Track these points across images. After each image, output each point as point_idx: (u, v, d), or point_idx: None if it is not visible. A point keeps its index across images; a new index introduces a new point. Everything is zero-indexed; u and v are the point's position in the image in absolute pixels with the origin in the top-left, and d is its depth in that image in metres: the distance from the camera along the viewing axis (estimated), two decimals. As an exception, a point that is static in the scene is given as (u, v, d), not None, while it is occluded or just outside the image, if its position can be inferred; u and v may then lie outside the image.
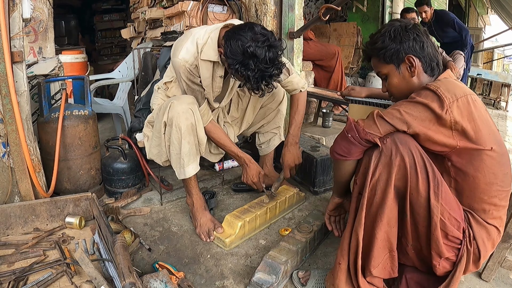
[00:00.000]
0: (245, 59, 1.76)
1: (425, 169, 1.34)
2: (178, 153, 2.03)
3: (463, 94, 1.33)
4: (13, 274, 1.61)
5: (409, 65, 1.48)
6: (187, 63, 1.96)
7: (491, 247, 1.43)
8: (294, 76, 2.29)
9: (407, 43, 1.46)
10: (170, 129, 1.99)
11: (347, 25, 5.58)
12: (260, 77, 1.80)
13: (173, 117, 1.96)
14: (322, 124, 4.24)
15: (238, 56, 1.78)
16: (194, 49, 1.97)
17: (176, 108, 1.96)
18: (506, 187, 1.40)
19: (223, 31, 1.93)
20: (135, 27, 4.50)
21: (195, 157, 2.09)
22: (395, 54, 1.48)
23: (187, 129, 1.98)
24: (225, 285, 1.73)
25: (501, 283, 1.78)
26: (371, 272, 1.41)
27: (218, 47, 1.94)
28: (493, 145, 1.34)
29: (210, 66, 2.02)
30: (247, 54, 1.75)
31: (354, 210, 1.49)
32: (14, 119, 1.92)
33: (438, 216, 1.32)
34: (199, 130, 2.04)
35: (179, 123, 1.96)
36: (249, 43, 1.75)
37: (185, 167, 2.05)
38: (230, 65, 1.83)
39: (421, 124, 1.34)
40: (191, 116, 1.98)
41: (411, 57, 1.46)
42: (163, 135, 2.06)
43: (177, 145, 2.01)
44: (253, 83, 1.81)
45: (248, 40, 1.76)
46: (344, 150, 1.48)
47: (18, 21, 1.98)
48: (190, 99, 2.03)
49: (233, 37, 1.79)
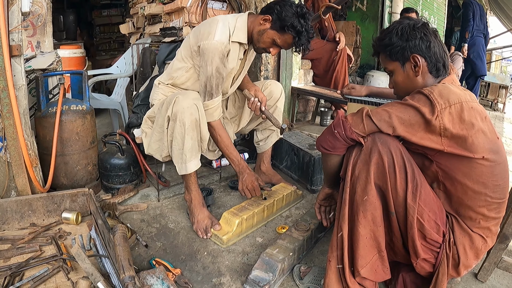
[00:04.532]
0: (298, 17, 2.02)
1: (404, 169, 1.34)
2: (180, 148, 2.02)
3: (458, 101, 1.30)
4: (9, 269, 1.60)
5: (413, 64, 1.47)
6: (223, 45, 2.03)
7: (473, 255, 1.40)
8: None
9: (413, 42, 1.45)
10: (174, 124, 1.99)
11: (346, 24, 5.58)
12: (308, 34, 2.06)
13: (178, 111, 1.96)
14: (320, 123, 4.25)
15: (291, 14, 2.01)
16: (227, 32, 2.08)
17: (181, 103, 1.96)
18: (497, 199, 1.36)
19: (250, 16, 2.16)
20: (134, 23, 4.48)
21: (197, 153, 2.09)
22: (400, 52, 1.47)
23: (191, 124, 1.97)
24: (222, 282, 1.73)
25: (497, 283, 1.79)
26: (359, 272, 1.40)
27: (253, 25, 2.13)
28: (487, 154, 1.31)
29: (237, 48, 2.16)
30: (299, 13, 2.02)
31: (340, 205, 1.50)
32: (12, 113, 1.90)
33: (414, 217, 1.33)
34: (203, 126, 2.04)
35: (183, 118, 1.95)
36: (298, 7, 2.03)
37: (187, 162, 2.05)
38: (285, 22, 2.02)
39: (407, 130, 1.34)
40: (195, 111, 1.98)
41: (416, 56, 1.45)
42: (166, 130, 2.05)
43: (180, 140, 2.01)
44: (304, 39, 2.06)
45: (294, 4, 2.04)
46: (329, 145, 1.51)
47: (17, 14, 1.96)
48: (195, 95, 2.04)
49: (280, 2, 2.05)
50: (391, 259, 1.52)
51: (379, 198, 1.38)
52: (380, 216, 1.39)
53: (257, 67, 3.44)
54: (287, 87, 3.63)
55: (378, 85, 5.10)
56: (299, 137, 2.94)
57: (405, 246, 1.43)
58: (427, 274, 1.45)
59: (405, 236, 1.39)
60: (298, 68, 3.93)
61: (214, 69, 2.03)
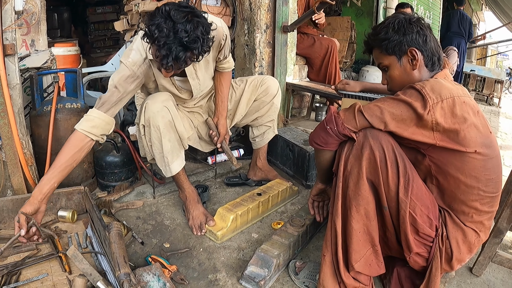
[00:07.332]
0: (161, 19, 1.57)
1: (396, 164, 1.35)
2: (160, 152, 2.03)
3: (450, 96, 1.31)
4: (6, 268, 1.60)
5: (411, 58, 1.47)
6: (134, 66, 1.88)
7: (466, 250, 1.42)
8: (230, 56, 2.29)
9: (411, 36, 1.45)
10: (149, 130, 1.99)
11: (341, 20, 5.58)
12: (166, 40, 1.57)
13: (150, 117, 1.95)
14: (315, 118, 4.26)
15: (153, 19, 1.58)
16: (142, 50, 1.89)
17: (151, 108, 1.95)
18: (490, 193, 1.37)
19: None
20: (128, 20, 4.45)
21: (179, 152, 2.10)
22: (397, 46, 1.47)
23: (165, 127, 1.97)
24: (217, 278, 1.74)
25: (491, 277, 1.81)
26: (353, 267, 1.42)
27: None
28: (479, 148, 1.31)
29: None
30: (164, 13, 1.56)
31: (333, 200, 1.51)
32: (6, 112, 1.90)
33: (406, 211, 1.34)
34: (178, 125, 2.03)
35: (156, 123, 1.95)
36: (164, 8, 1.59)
37: (170, 164, 2.06)
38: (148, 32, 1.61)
39: (398, 125, 1.35)
40: (167, 113, 1.97)
41: (414, 49, 1.45)
42: (143, 136, 2.06)
43: (158, 144, 2.01)
44: (163, 49, 1.58)
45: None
46: (322, 140, 1.52)
47: (10, 13, 1.96)
48: (164, 96, 2.01)
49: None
50: (386, 254, 1.53)
51: (371, 192, 1.39)
52: (373, 211, 1.41)
53: (251, 63, 3.44)
54: (282, 82, 3.63)
55: (373, 80, 5.11)
56: (294, 132, 2.95)
57: (399, 241, 1.44)
58: (421, 268, 1.47)
59: (398, 230, 1.40)
60: (292, 64, 3.93)
61: (115, 82, 1.86)
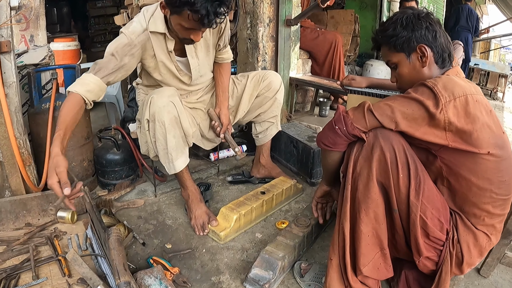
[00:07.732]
0: None
1: (407, 165, 1.30)
2: (164, 148, 1.98)
3: (462, 94, 1.25)
4: (4, 272, 1.57)
5: (420, 55, 1.41)
6: (133, 35, 1.88)
7: (477, 253, 1.37)
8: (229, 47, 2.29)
9: (420, 32, 1.39)
10: (154, 125, 1.94)
11: (344, 13, 5.50)
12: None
13: (155, 112, 1.90)
14: (319, 113, 4.22)
15: None
16: (144, 22, 1.91)
17: (156, 103, 1.90)
18: (502, 195, 1.32)
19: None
20: (128, 14, 4.40)
21: (183, 149, 2.04)
22: (406, 42, 1.41)
23: (170, 123, 1.92)
24: (221, 280, 1.70)
25: (499, 279, 1.76)
26: (361, 271, 1.37)
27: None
28: (492, 150, 1.27)
29: (160, 39, 1.95)
30: None
31: (341, 202, 1.46)
32: (2, 111, 1.86)
33: (417, 215, 1.29)
34: (183, 121, 1.98)
35: (161, 118, 1.90)
36: None
37: (174, 161, 2.01)
38: (173, 1, 1.67)
39: (410, 124, 1.29)
40: (173, 109, 1.92)
41: (423, 46, 1.39)
42: (147, 132, 2.00)
43: (163, 140, 1.96)
44: (203, 9, 1.63)
45: None
46: (330, 141, 1.47)
47: (5, 9, 1.89)
48: (170, 91, 1.97)
49: None
50: (394, 256, 1.49)
51: (381, 195, 1.34)
52: (383, 214, 1.36)
53: (254, 58, 3.38)
54: (285, 77, 3.57)
55: (377, 74, 5.04)
56: (298, 128, 2.89)
57: (408, 244, 1.40)
58: (430, 272, 1.42)
59: (408, 233, 1.36)
60: (296, 58, 3.87)
61: (112, 49, 1.85)
